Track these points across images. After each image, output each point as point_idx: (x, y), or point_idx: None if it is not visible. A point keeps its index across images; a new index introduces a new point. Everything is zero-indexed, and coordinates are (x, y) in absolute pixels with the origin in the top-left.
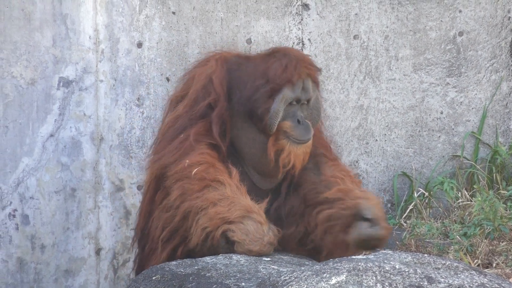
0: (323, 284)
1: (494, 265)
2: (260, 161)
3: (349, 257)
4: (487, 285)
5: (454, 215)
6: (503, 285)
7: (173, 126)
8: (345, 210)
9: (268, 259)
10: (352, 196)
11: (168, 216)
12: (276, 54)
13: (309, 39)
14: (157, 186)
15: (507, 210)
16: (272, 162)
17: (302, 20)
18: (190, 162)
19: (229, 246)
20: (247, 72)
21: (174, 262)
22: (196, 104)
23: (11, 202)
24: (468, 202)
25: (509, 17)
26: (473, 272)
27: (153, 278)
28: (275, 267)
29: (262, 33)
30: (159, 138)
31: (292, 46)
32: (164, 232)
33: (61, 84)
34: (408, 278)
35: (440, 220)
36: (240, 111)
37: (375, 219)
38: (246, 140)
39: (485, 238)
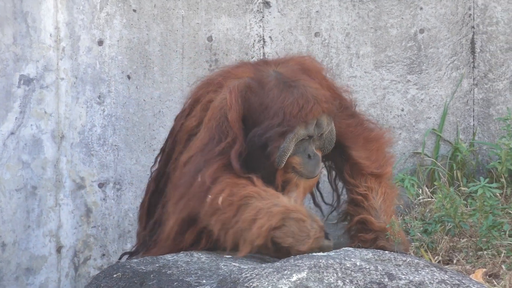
0: (284, 281)
1: (454, 261)
2: (269, 182)
3: (310, 254)
4: (448, 281)
5: (415, 212)
6: (463, 281)
7: (189, 169)
8: (365, 243)
9: (230, 256)
10: (371, 227)
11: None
12: (293, 89)
13: (270, 37)
14: (182, 228)
15: (467, 207)
16: (279, 189)
17: (263, 17)
18: (212, 196)
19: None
20: (262, 104)
21: (135, 260)
22: (212, 144)
23: None
24: (428, 199)
25: (470, 14)
26: (434, 268)
27: (114, 275)
28: (236, 264)
29: (223, 31)
30: (179, 182)
31: (253, 43)
32: None
33: (22, 82)
34: (369, 275)
35: (401, 217)
36: (253, 142)
37: None
38: (258, 163)
39: (446, 235)
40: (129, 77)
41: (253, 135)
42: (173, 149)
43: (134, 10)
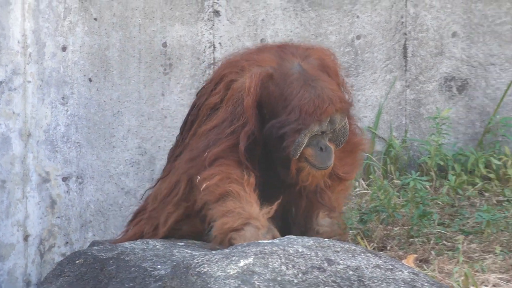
0: (233, 266)
1: (388, 248)
2: (285, 168)
3: (256, 242)
4: (382, 266)
5: (352, 202)
6: (396, 266)
7: (202, 141)
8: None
9: (182, 243)
10: (317, 223)
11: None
12: (311, 89)
13: (219, 43)
14: (187, 186)
15: (400, 198)
16: (293, 176)
17: (213, 25)
18: (201, 177)
19: None
20: (282, 94)
21: (96, 247)
22: (225, 124)
23: None
24: (364, 191)
25: (402, 22)
26: (369, 254)
27: (77, 262)
28: (189, 251)
29: (177, 38)
30: (193, 146)
31: (204, 49)
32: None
33: None
34: (310, 260)
35: None
36: (271, 132)
37: None
38: (275, 150)
39: (380, 224)
40: (90, 80)
41: (271, 126)
42: (195, 120)
43: (95, 19)
